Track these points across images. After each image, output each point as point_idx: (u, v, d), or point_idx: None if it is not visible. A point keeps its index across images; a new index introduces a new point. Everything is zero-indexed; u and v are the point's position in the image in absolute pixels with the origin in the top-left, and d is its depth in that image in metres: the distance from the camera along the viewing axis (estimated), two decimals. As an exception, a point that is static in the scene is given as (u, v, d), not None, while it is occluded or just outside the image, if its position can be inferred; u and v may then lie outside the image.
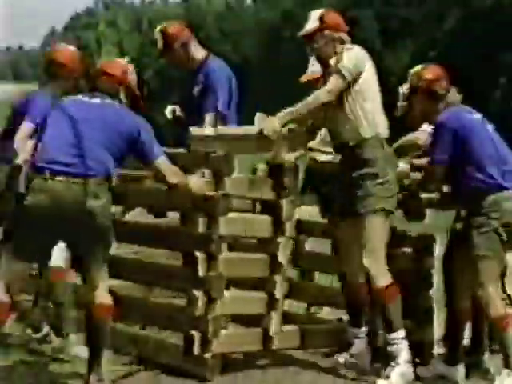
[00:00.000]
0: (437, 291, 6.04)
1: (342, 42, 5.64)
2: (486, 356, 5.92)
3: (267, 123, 5.46)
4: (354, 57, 5.56)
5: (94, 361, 4.96)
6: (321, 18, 5.64)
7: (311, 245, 6.43)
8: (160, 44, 6.38)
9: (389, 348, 5.44)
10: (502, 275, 5.78)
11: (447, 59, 6.04)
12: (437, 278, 6.00)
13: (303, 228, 5.96)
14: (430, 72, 5.78)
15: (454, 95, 5.85)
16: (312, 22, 5.66)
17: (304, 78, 6.53)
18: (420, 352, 5.82)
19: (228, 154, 5.32)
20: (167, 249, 5.87)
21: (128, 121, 5.01)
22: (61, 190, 4.79)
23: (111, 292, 5.02)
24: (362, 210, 5.43)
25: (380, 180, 5.45)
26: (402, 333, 5.44)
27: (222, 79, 6.35)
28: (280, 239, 5.57)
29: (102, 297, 4.94)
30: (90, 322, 4.98)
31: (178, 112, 6.57)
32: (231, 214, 5.39)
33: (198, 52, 6.44)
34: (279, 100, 10.17)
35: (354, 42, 5.68)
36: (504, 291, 5.71)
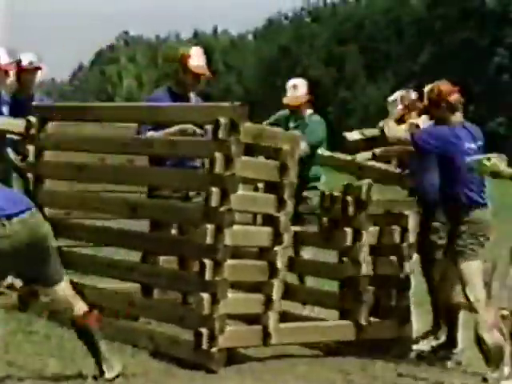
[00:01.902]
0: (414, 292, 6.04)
1: None
2: (459, 349, 5.91)
3: None
4: None
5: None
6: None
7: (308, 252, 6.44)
8: None
9: None
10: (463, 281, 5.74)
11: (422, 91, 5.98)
12: (414, 280, 6.00)
13: (299, 238, 5.95)
14: (446, 86, 5.81)
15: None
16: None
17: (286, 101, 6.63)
18: (400, 347, 5.82)
19: (234, 174, 5.31)
20: (179, 256, 5.87)
21: None
22: None
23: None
24: None
25: None
26: None
27: None
28: (277, 248, 5.56)
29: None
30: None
31: None
32: (235, 227, 5.38)
33: None
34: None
35: (341, 75, 5.66)
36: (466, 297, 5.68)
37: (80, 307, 4.82)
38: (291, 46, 54.17)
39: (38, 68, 7.08)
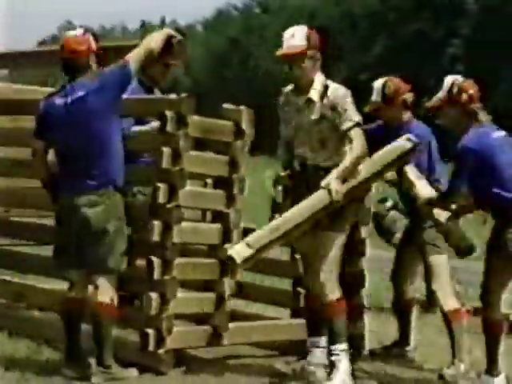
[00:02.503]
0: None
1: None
2: (412, 346, 5.97)
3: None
4: (350, 101, 5.18)
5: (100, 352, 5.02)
6: (307, 38, 5.14)
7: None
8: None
9: (331, 358, 5.16)
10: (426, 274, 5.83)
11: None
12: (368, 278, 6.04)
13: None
14: (472, 88, 5.34)
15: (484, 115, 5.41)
16: (298, 40, 5.11)
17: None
18: (353, 344, 5.87)
19: (182, 169, 5.29)
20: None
21: None
22: None
23: None
24: None
25: None
26: (343, 346, 5.15)
27: None
28: (227, 245, 5.53)
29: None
30: (93, 319, 5.04)
31: None
32: (184, 224, 5.37)
33: None
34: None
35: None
36: (430, 289, 5.75)
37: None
38: (241, 38, 54.19)
39: None
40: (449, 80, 5.41)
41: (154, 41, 5.16)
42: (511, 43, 41.10)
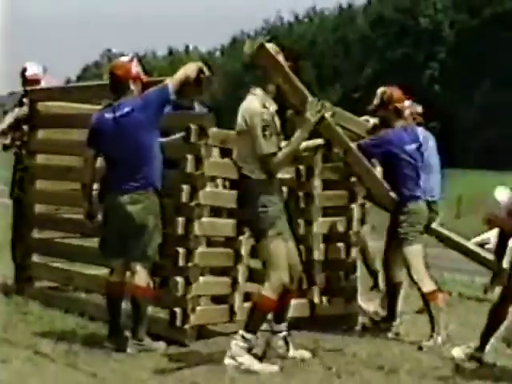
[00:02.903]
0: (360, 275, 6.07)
1: None
2: (397, 322, 5.94)
3: None
4: None
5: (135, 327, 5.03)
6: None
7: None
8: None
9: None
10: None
11: (368, 100, 6.01)
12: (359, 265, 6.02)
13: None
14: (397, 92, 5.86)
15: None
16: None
17: None
18: (348, 321, 5.85)
19: (203, 173, 5.27)
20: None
21: None
22: None
23: None
24: None
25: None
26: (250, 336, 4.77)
27: None
28: (241, 238, 5.54)
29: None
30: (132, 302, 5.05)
31: None
32: (203, 219, 5.36)
33: None
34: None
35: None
36: (411, 278, 5.71)
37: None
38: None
39: (39, 80, 6.88)
40: (380, 90, 5.84)
41: (190, 71, 5.15)
42: (481, 67, 40.90)
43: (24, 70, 6.95)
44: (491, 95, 41.09)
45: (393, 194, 5.60)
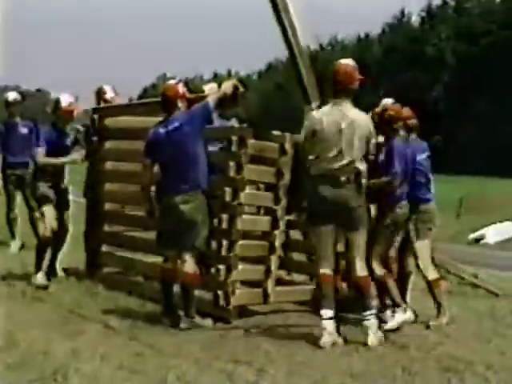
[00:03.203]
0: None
1: None
2: (407, 305, 5.85)
3: None
4: None
5: (186, 307, 5.06)
6: None
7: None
8: None
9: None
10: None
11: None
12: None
13: (292, 225, 5.92)
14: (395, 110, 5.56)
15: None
16: None
17: None
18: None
19: (243, 178, 5.28)
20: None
21: None
22: None
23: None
24: None
25: None
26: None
27: None
28: (275, 232, 5.53)
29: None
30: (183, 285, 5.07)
31: None
32: (244, 216, 5.36)
33: None
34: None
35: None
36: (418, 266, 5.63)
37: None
38: (284, 84, 54.08)
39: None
40: (383, 102, 5.70)
41: (227, 88, 5.17)
42: (480, 89, 40.30)
43: (99, 91, 6.99)
44: (488, 112, 40.47)
45: (385, 178, 5.40)
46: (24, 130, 7.93)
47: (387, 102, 5.68)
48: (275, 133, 5.68)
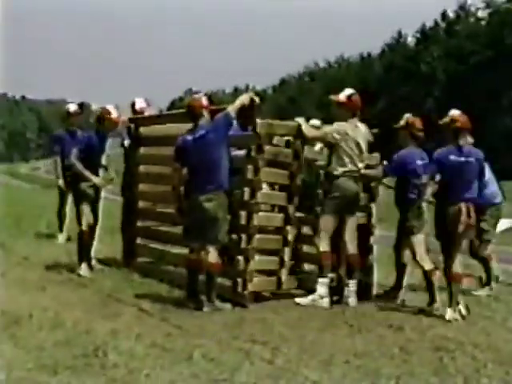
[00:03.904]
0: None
1: None
2: (403, 291, 5.78)
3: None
4: None
5: (209, 292, 5.04)
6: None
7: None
8: None
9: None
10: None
11: (381, 124, 5.88)
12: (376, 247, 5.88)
13: (302, 220, 5.88)
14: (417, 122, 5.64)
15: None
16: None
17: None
18: (366, 291, 5.74)
19: (260, 179, 5.25)
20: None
21: None
22: None
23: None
24: None
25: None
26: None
27: None
28: (288, 227, 5.49)
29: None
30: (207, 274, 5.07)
31: None
32: (260, 213, 5.33)
33: None
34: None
35: (328, 117, 5.55)
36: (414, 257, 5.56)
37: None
38: (296, 97, 53.97)
39: (144, 112, 6.96)
40: (406, 116, 5.69)
41: (245, 99, 5.17)
42: (468, 103, 39.90)
43: (133, 103, 7.06)
44: (475, 125, 40.06)
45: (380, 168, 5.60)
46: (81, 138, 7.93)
47: (454, 113, 5.55)
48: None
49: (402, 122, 5.69)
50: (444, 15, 45.95)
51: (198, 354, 3.96)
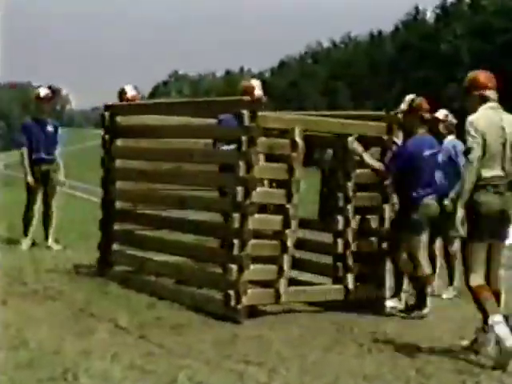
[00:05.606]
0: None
1: None
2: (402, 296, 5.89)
3: None
4: None
5: None
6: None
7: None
8: None
9: None
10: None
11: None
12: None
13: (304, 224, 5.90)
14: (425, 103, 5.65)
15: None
16: None
17: None
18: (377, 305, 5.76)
19: (253, 177, 5.25)
20: (217, 238, 5.88)
21: None
22: None
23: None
24: None
25: None
26: None
27: None
28: (287, 231, 5.50)
29: None
30: None
31: None
32: (256, 215, 5.33)
33: None
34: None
35: (333, 104, 5.57)
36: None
37: None
38: (297, 81, 54.04)
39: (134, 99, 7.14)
40: (409, 97, 5.66)
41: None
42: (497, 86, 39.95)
43: (122, 91, 7.07)
44: (504, 109, 40.20)
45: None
46: (50, 128, 7.94)
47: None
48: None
49: (403, 106, 5.66)
50: (468, -12, 46.27)
51: (183, 377, 3.95)
